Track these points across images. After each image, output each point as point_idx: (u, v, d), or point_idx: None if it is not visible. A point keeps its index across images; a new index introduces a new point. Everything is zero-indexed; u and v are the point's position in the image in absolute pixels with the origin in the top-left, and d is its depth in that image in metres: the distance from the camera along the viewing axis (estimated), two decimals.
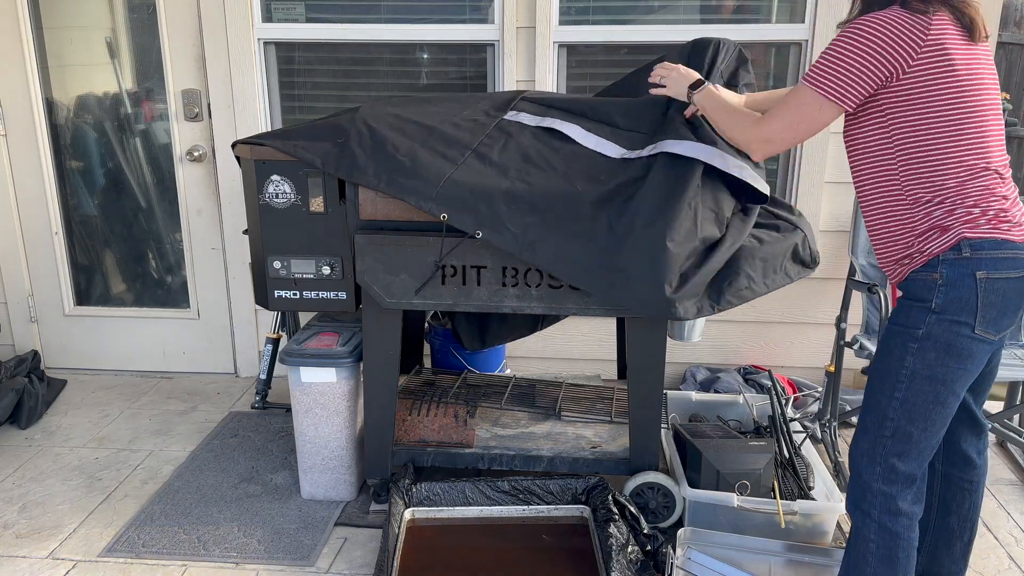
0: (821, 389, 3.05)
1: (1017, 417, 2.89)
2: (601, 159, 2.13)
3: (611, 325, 3.27)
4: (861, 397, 3.15)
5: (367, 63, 3.19)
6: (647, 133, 2.17)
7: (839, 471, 2.65)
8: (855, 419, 3.11)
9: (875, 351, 1.71)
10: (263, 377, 2.95)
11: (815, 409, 3.02)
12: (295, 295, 2.35)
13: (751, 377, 3.21)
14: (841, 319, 2.77)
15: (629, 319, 2.23)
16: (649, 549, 2.13)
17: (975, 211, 1.56)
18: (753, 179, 2.03)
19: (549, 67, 3.04)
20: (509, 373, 3.29)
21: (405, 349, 2.86)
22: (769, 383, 2.89)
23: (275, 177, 2.25)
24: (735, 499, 2.20)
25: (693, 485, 2.29)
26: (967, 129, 1.55)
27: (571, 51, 3.09)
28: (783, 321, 3.29)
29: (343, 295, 2.34)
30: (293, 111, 3.28)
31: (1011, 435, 2.78)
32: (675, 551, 2.13)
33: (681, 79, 1.99)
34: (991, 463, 1.90)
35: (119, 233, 3.47)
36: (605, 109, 2.27)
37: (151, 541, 2.32)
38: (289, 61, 3.21)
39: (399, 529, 2.24)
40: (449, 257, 2.17)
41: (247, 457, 2.83)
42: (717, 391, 3.13)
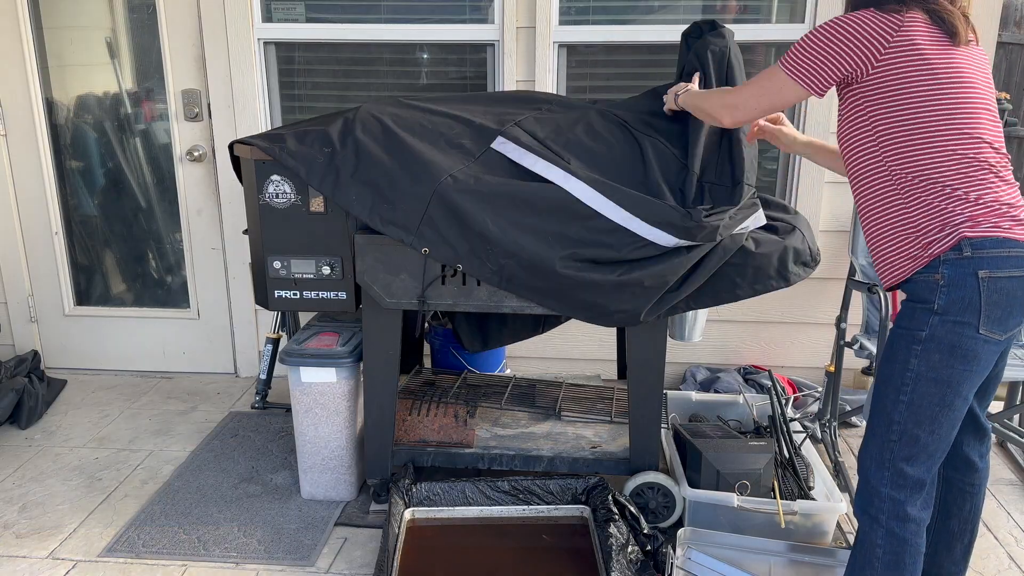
0: (821, 389, 3.06)
1: (1017, 417, 2.89)
2: (580, 207, 2.07)
3: None
4: (861, 397, 3.18)
5: (367, 63, 3.19)
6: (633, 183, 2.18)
7: (839, 471, 2.65)
8: (855, 419, 3.11)
9: (880, 354, 1.70)
10: (263, 377, 2.95)
11: (815, 409, 3.02)
12: (295, 295, 2.35)
13: (751, 377, 3.21)
14: (841, 319, 2.77)
15: None
16: (649, 549, 2.13)
17: (975, 209, 1.55)
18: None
19: (549, 67, 3.04)
20: (509, 373, 3.29)
21: (405, 349, 2.86)
22: (769, 383, 2.89)
23: (275, 177, 2.25)
24: (735, 499, 2.20)
25: (693, 485, 2.29)
26: (952, 124, 1.57)
27: (571, 51, 3.09)
28: (783, 321, 3.29)
29: (343, 295, 2.34)
30: (293, 111, 3.28)
31: (1011, 435, 2.78)
32: (675, 551, 2.13)
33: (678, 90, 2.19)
34: (991, 463, 1.90)
35: (119, 233, 3.47)
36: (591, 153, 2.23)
37: (151, 541, 2.33)
38: (289, 61, 3.21)
39: (399, 529, 2.24)
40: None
41: (247, 457, 2.83)
42: (717, 391, 3.13)
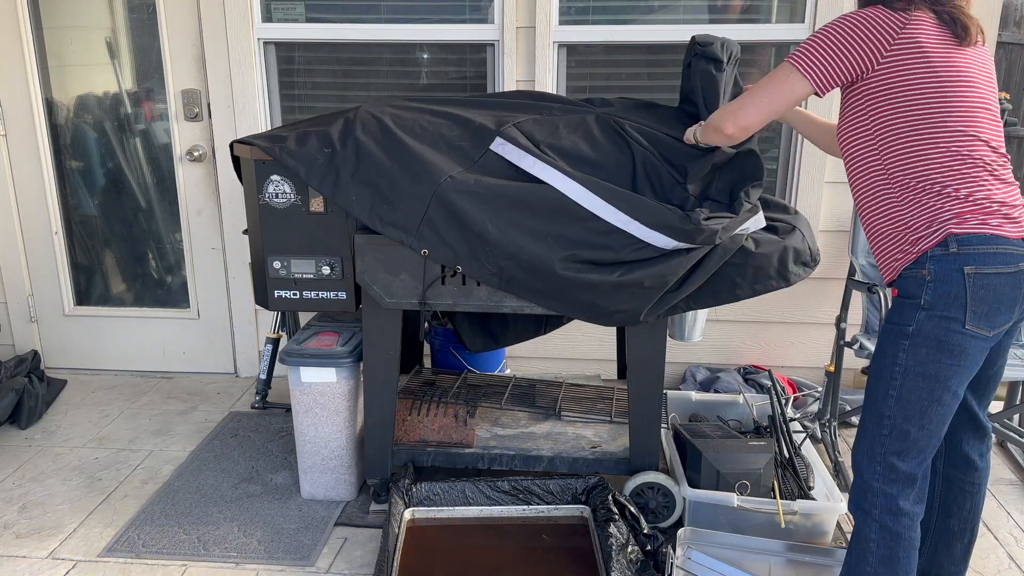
0: (821, 389, 3.06)
1: (1017, 417, 2.89)
2: (579, 209, 2.07)
3: None
4: (861, 397, 3.16)
5: (367, 63, 3.19)
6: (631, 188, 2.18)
7: (839, 471, 2.65)
8: (855, 419, 3.11)
9: (873, 351, 1.71)
10: (263, 377, 2.95)
11: (815, 409, 3.03)
12: (295, 295, 2.35)
13: (751, 377, 3.21)
14: (841, 319, 2.77)
15: None
16: (649, 549, 2.13)
17: (963, 206, 1.56)
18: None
19: (549, 67, 3.04)
20: (509, 373, 3.29)
21: (405, 349, 2.86)
22: (769, 383, 2.89)
23: (275, 177, 2.25)
24: (735, 499, 2.20)
25: (693, 485, 2.29)
26: (950, 120, 1.58)
27: (571, 51, 3.09)
28: (783, 321, 3.29)
29: (343, 295, 2.34)
30: (293, 111, 3.28)
31: (1011, 435, 2.78)
32: (675, 551, 2.13)
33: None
34: (991, 463, 1.90)
35: (119, 233, 3.47)
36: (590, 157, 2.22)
37: (151, 541, 2.33)
38: (289, 61, 3.21)
39: (399, 529, 2.24)
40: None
41: (247, 457, 2.83)
42: (717, 391, 3.13)
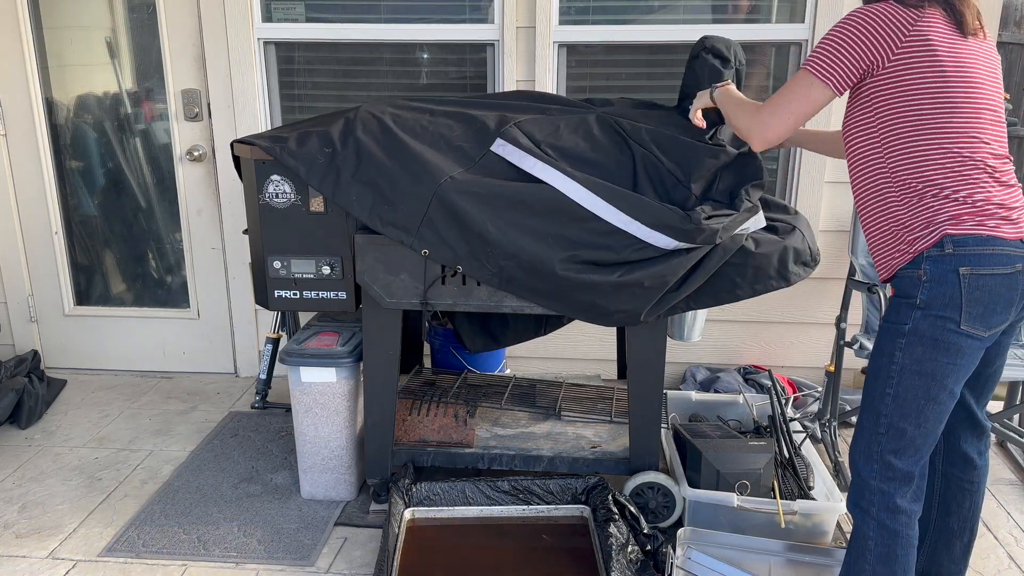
0: (821, 389, 3.06)
1: (1017, 417, 2.89)
2: (579, 210, 2.07)
3: None
4: (861, 397, 3.17)
5: (367, 63, 3.19)
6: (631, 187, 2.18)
7: (839, 471, 2.65)
8: (855, 419, 3.10)
9: (871, 350, 1.72)
10: (263, 377, 2.95)
11: (815, 409, 3.02)
12: (295, 295, 2.35)
13: (751, 377, 3.21)
14: (841, 319, 2.77)
15: None
16: (649, 549, 2.13)
17: (961, 208, 1.56)
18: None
19: (549, 67, 3.04)
20: (509, 373, 3.29)
21: (405, 349, 2.86)
22: (769, 383, 2.89)
23: (275, 177, 2.25)
24: (735, 499, 2.20)
25: (693, 485, 2.29)
26: (953, 121, 1.57)
27: (571, 51, 3.09)
28: (783, 321, 3.29)
29: (343, 295, 2.34)
30: (293, 111, 3.28)
31: (1011, 435, 2.78)
32: (675, 551, 2.13)
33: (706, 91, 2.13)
34: (991, 463, 1.90)
35: (119, 233, 3.47)
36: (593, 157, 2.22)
37: (151, 541, 2.33)
38: (289, 61, 3.21)
39: (399, 529, 2.24)
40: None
41: (247, 457, 2.83)
42: (717, 391, 3.13)
